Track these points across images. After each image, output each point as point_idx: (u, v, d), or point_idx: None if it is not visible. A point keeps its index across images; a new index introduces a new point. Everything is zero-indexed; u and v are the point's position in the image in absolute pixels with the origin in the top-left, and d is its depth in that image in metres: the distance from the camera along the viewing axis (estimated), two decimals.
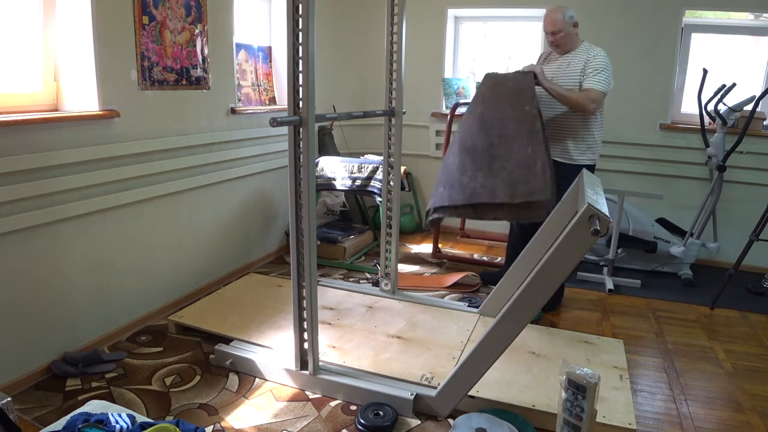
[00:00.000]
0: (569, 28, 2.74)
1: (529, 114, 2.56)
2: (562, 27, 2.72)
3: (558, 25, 2.72)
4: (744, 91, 3.50)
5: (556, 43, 2.78)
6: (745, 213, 3.74)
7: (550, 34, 2.77)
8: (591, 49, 2.75)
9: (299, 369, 2.20)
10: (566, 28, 2.73)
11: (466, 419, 1.88)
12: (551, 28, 2.75)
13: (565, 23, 2.72)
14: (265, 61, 3.72)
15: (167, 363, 2.39)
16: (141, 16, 2.49)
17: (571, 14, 2.74)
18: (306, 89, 1.90)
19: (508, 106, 2.60)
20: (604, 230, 1.65)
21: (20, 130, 2.04)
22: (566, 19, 2.72)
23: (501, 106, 2.61)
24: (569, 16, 2.73)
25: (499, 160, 2.52)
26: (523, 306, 1.83)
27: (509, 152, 2.51)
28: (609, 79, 2.69)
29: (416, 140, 4.50)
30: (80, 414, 1.48)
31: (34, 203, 2.12)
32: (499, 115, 2.59)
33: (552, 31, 2.75)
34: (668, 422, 2.08)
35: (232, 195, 3.33)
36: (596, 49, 2.74)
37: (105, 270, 2.50)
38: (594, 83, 2.66)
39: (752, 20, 3.72)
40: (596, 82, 2.66)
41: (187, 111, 2.86)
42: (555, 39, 2.77)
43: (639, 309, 3.16)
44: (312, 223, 2.00)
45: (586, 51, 2.74)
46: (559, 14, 2.72)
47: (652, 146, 3.90)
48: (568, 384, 1.73)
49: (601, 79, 2.66)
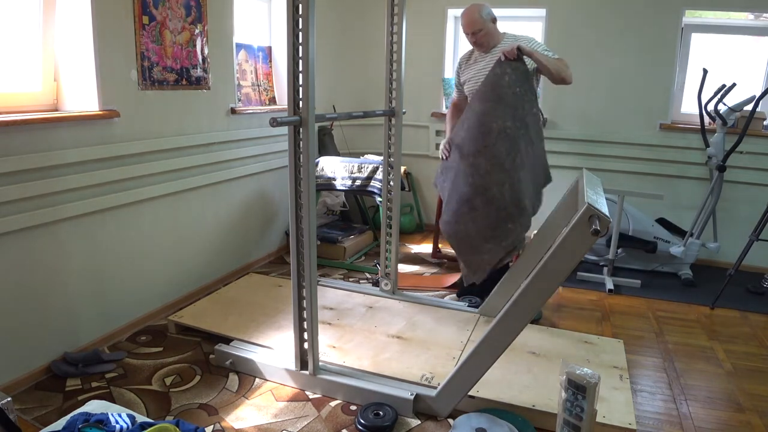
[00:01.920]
0: (489, 25, 2.66)
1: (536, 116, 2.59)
2: (482, 25, 2.64)
3: (477, 24, 2.64)
4: (744, 91, 3.50)
5: (479, 42, 2.70)
6: (745, 213, 3.75)
7: (470, 35, 2.69)
8: (519, 38, 2.68)
9: (299, 369, 2.20)
10: (486, 25, 2.65)
11: (466, 419, 1.88)
12: (470, 28, 2.66)
13: (484, 21, 2.64)
14: (265, 61, 3.72)
15: (167, 363, 2.39)
16: (141, 16, 2.49)
17: (488, 11, 2.67)
18: (306, 89, 1.90)
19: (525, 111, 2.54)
20: (604, 230, 1.65)
21: (20, 130, 2.04)
22: (484, 16, 2.65)
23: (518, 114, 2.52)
24: (486, 13, 2.66)
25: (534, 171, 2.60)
26: (523, 306, 1.83)
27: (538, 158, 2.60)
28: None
29: (416, 140, 4.50)
30: (80, 414, 1.48)
31: (33, 203, 2.12)
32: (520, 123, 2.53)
33: (472, 31, 2.67)
34: (668, 422, 2.08)
35: (232, 195, 3.33)
36: (525, 36, 2.69)
37: (105, 270, 2.50)
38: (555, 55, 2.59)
39: (752, 20, 3.72)
40: (553, 55, 2.59)
41: (187, 111, 2.86)
42: (477, 38, 2.69)
43: (639, 309, 3.16)
44: (312, 223, 2.00)
45: (515, 39, 2.67)
46: (475, 13, 2.64)
47: (652, 146, 3.90)
48: (568, 384, 1.73)
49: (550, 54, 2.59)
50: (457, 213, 2.60)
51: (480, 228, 2.55)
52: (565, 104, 4.04)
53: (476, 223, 2.55)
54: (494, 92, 2.53)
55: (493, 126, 2.51)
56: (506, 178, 2.48)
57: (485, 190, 2.52)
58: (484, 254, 2.58)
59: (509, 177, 2.48)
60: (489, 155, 2.51)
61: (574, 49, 3.94)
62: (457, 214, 2.61)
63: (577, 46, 3.92)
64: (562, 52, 3.93)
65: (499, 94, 2.52)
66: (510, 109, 2.51)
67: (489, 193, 2.51)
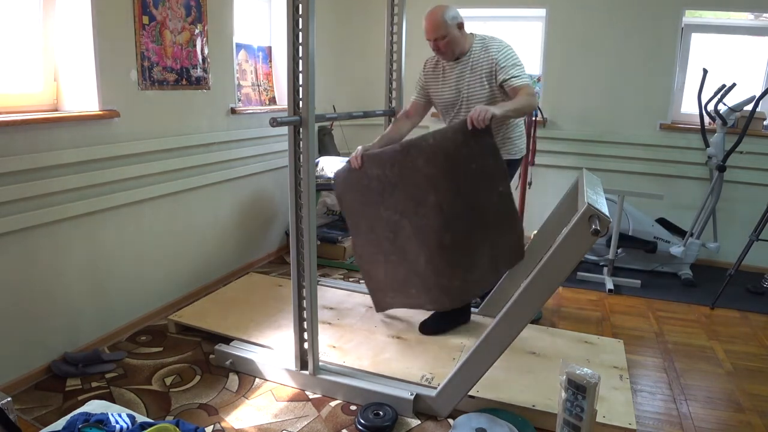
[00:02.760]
0: (453, 32, 2.31)
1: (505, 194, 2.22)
2: (445, 31, 2.29)
3: (440, 30, 2.29)
4: (744, 91, 3.50)
5: (441, 50, 2.36)
6: (745, 213, 3.74)
7: (432, 42, 2.35)
8: (489, 44, 2.35)
9: (299, 369, 2.20)
10: (450, 31, 2.30)
11: (466, 419, 1.88)
12: (432, 35, 2.32)
13: (448, 26, 2.29)
14: (265, 61, 3.72)
15: (167, 363, 2.39)
16: (141, 16, 2.49)
17: (452, 14, 2.31)
18: (306, 89, 1.90)
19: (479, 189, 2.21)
20: (604, 230, 1.65)
21: (20, 130, 2.04)
22: (448, 21, 2.29)
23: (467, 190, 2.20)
24: (451, 17, 2.30)
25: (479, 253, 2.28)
26: (523, 306, 1.83)
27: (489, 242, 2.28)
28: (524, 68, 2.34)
29: None
30: (80, 414, 1.48)
31: (33, 203, 2.12)
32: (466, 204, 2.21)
33: (434, 37, 2.32)
34: (668, 422, 2.08)
35: (232, 195, 3.33)
36: (494, 41, 2.36)
37: (105, 270, 2.50)
38: (519, 80, 2.27)
39: (752, 20, 3.72)
40: (520, 77, 2.28)
41: (187, 111, 2.86)
42: (439, 46, 2.34)
43: (639, 309, 3.16)
44: (312, 223, 2.00)
45: (484, 48, 2.35)
46: (438, 17, 2.29)
47: (652, 146, 3.90)
48: (568, 384, 1.73)
49: (521, 71, 2.30)
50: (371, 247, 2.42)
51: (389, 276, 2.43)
52: (565, 104, 4.04)
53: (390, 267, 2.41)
54: (446, 161, 2.17)
55: (429, 198, 2.22)
56: (425, 251, 2.28)
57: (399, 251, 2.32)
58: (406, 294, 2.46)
59: (426, 251, 2.28)
60: (416, 222, 2.27)
61: (574, 49, 3.94)
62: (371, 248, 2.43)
63: (577, 46, 3.92)
64: (562, 52, 3.97)
65: (450, 165, 2.17)
66: (454, 187, 2.18)
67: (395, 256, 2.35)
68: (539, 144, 3.97)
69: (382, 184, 2.34)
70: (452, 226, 2.22)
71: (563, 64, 3.98)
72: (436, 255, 2.27)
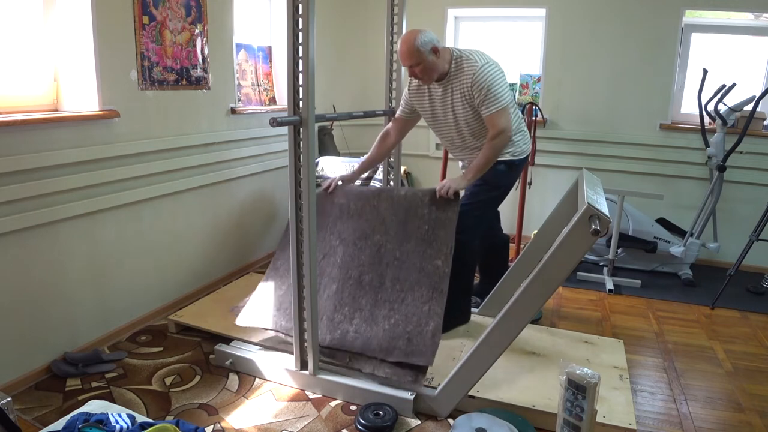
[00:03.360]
0: (427, 59, 2.24)
1: (440, 270, 2.17)
2: (419, 59, 2.23)
3: (413, 57, 2.24)
4: (744, 91, 3.50)
5: (418, 76, 2.32)
6: (745, 213, 3.74)
7: (408, 68, 2.31)
8: (464, 66, 2.30)
9: (299, 369, 2.20)
10: (424, 58, 2.24)
11: (466, 419, 1.88)
12: (406, 62, 2.28)
13: (421, 53, 2.23)
14: (265, 61, 3.72)
15: (167, 363, 2.39)
16: (141, 16, 2.49)
17: (425, 40, 2.23)
18: (306, 89, 1.90)
19: (418, 252, 2.22)
20: (604, 230, 1.65)
21: (20, 130, 2.04)
22: (420, 47, 2.22)
23: (408, 247, 2.24)
24: (422, 42, 2.22)
25: (385, 307, 2.18)
26: (523, 306, 1.83)
27: (401, 301, 2.17)
28: (502, 90, 2.28)
29: (416, 140, 4.49)
30: (80, 414, 1.48)
31: (34, 203, 2.12)
32: (402, 257, 2.24)
33: (408, 65, 2.28)
34: (668, 422, 2.08)
35: (232, 195, 3.33)
36: (469, 62, 2.30)
37: (105, 270, 2.50)
38: (491, 109, 2.27)
39: (752, 20, 3.72)
40: (492, 106, 2.27)
41: (187, 111, 2.86)
42: (415, 72, 2.30)
43: (639, 309, 3.16)
44: (312, 223, 2.00)
45: (460, 72, 2.31)
46: (411, 44, 2.22)
47: (652, 146, 3.90)
48: (568, 384, 1.73)
49: (494, 99, 2.26)
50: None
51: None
52: (565, 104, 4.04)
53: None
54: (405, 214, 2.28)
55: (374, 237, 2.30)
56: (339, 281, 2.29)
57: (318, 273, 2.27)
58: None
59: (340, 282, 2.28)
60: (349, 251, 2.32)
61: (574, 50, 3.94)
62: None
63: (577, 46, 3.93)
64: (563, 52, 3.97)
65: (406, 218, 2.28)
66: (400, 237, 2.26)
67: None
68: (539, 144, 3.97)
69: (341, 212, 2.44)
70: (378, 270, 2.27)
71: (563, 64, 3.98)
72: (346, 288, 2.27)
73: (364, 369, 2.13)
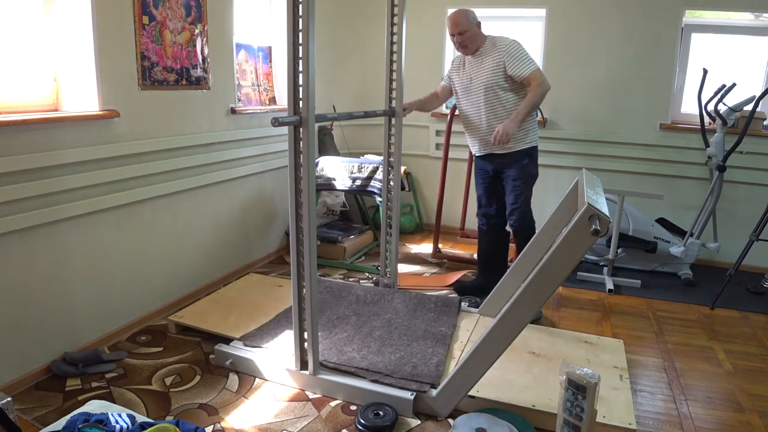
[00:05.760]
0: (474, 29, 2.80)
1: (444, 333, 2.51)
2: (467, 27, 2.78)
3: (463, 25, 2.78)
4: (744, 91, 3.50)
5: (464, 43, 2.82)
6: (745, 213, 3.74)
7: (456, 36, 2.81)
8: (497, 42, 2.81)
9: (299, 369, 2.20)
10: (471, 28, 2.79)
11: (466, 419, 1.88)
12: (456, 29, 2.79)
13: (470, 24, 2.79)
14: (265, 61, 3.72)
15: (167, 363, 2.39)
16: (141, 16, 2.49)
17: (473, 16, 2.82)
18: (306, 89, 1.90)
19: (425, 321, 2.62)
20: (604, 230, 1.65)
21: (20, 130, 2.04)
22: (470, 20, 2.79)
23: (415, 322, 2.61)
24: (472, 17, 2.81)
25: (392, 347, 2.38)
26: (523, 306, 1.83)
27: (407, 346, 2.39)
28: (530, 57, 2.79)
29: (416, 140, 4.50)
30: (80, 414, 1.48)
31: (34, 203, 2.12)
32: (409, 325, 2.58)
33: (458, 31, 2.79)
34: (668, 422, 2.08)
35: (232, 195, 3.33)
36: (502, 39, 2.82)
37: (105, 270, 2.50)
38: (526, 69, 2.74)
39: (752, 20, 3.72)
40: (527, 67, 2.74)
41: (187, 111, 2.86)
42: (462, 39, 2.81)
43: (639, 309, 3.16)
44: (312, 223, 2.00)
45: (494, 45, 2.81)
46: (462, 16, 2.79)
47: (652, 146, 3.90)
48: (568, 384, 1.73)
49: (527, 61, 2.75)
50: None
51: None
52: (565, 104, 4.04)
53: None
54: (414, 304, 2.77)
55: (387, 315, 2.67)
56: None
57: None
58: None
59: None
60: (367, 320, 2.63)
61: (574, 49, 3.94)
62: None
63: (577, 46, 3.93)
64: (562, 52, 3.97)
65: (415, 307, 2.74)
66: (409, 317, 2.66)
67: None
68: (539, 144, 3.96)
69: (358, 300, 2.84)
70: (387, 329, 2.54)
71: (563, 64, 3.98)
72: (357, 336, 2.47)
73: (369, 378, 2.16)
